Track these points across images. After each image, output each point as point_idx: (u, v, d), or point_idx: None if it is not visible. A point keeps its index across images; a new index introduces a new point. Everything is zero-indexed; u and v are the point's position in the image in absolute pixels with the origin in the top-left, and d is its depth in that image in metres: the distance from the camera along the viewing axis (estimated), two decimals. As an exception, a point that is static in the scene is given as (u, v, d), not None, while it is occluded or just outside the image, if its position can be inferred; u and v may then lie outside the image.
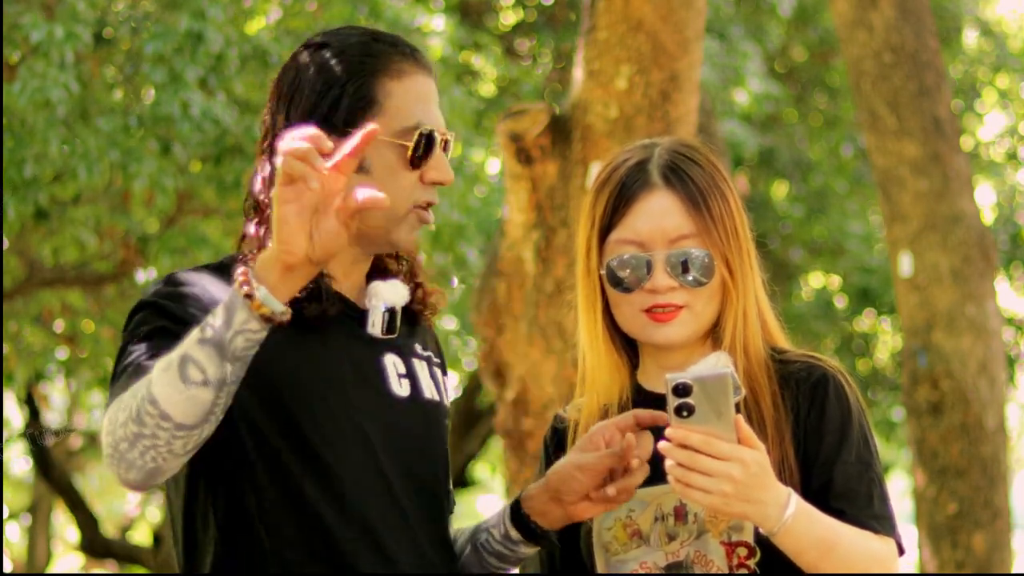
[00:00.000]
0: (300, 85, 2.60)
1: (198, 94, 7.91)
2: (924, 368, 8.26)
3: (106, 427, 2.40)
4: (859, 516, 2.64)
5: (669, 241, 2.69)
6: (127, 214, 9.20)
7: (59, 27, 7.71)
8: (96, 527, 14.46)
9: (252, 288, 2.31)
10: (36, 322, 10.34)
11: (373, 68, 2.59)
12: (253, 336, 2.34)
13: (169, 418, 2.33)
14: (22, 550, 20.12)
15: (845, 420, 2.69)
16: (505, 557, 2.71)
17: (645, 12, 5.37)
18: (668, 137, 2.82)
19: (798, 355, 2.77)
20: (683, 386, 2.45)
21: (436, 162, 2.63)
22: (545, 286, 5.54)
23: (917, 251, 8.29)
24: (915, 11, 8.37)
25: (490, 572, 2.73)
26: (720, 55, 11.84)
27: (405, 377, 2.67)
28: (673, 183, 2.71)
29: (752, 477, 2.47)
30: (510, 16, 13.28)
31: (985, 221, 8.71)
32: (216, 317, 2.34)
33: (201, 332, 2.34)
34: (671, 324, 2.70)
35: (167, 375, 2.33)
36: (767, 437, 2.64)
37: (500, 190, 9.63)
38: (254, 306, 2.31)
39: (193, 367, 2.32)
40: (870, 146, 8.55)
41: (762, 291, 2.78)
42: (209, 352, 2.32)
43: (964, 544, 8.16)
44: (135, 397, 2.36)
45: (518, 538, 2.68)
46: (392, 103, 2.59)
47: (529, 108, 5.59)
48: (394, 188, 2.58)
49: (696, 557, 2.68)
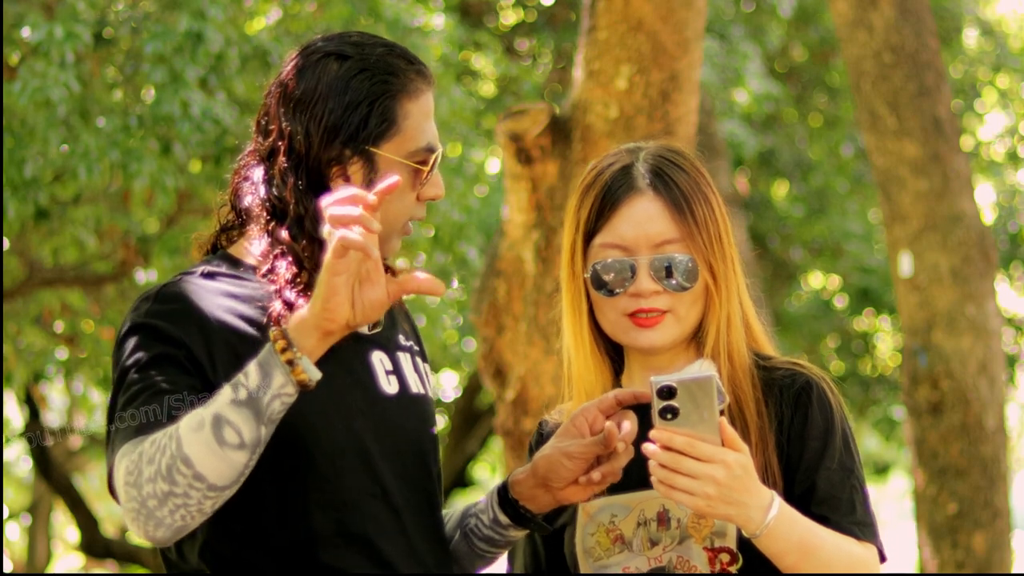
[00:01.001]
0: (320, 98, 2.59)
1: (198, 94, 7.91)
2: (924, 368, 8.26)
3: (127, 478, 2.39)
4: (841, 522, 2.65)
5: (653, 246, 2.71)
6: (127, 214, 9.20)
7: (59, 27, 7.71)
8: (96, 527, 14.46)
9: (294, 356, 2.34)
10: (36, 322, 10.33)
11: (396, 88, 2.60)
12: (288, 399, 2.37)
13: (203, 479, 2.35)
14: (22, 550, 20.13)
15: (828, 427, 2.71)
16: (495, 542, 2.72)
17: (645, 12, 5.37)
18: (654, 141, 2.83)
19: (782, 362, 2.78)
20: (668, 389, 2.47)
21: (435, 179, 2.65)
22: (545, 286, 5.54)
23: (917, 251, 8.29)
24: (915, 11, 8.37)
25: (472, 563, 2.74)
26: (720, 55, 11.84)
27: (392, 374, 2.68)
28: (658, 188, 2.73)
29: (735, 479, 2.48)
30: (510, 16, 13.29)
31: (985, 221, 8.70)
32: (250, 377, 2.35)
33: (235, 392, 2.35)
34: (655, 329, 2.72)
35: (200, 435, 2.34)
36: (751, 444, 2.66)
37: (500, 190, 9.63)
38: (294, 373, 2.34)
39: (229, 429, 2.34)
40: (870, 146, 8.55)
41: (747, 296, 2.80)
42: (246, 415, 2.34)
43: (964, 544, 8.16)
44: (163, 453, 2.36)
45: (507, 523, 2.68)
46: (408, 124, 2.61)
47: (529, 108, 5.59)
48: (398, 207, 2.61)
49: (679, 562, 2.69)
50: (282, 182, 2.59)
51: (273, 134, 2.62)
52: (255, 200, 2.63)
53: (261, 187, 2.62)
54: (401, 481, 2.63)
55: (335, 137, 2.57)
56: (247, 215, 2.65)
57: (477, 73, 12.74)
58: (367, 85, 2.58)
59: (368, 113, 2.57)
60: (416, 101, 2.62)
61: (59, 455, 15.95)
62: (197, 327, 2.51)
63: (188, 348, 2.50)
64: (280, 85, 2.64)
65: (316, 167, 2.58)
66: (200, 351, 2.51)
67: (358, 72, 2.59)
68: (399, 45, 2.67)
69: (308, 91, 2.60)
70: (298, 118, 2.60)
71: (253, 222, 2.64)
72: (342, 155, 2.58)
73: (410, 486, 2.64)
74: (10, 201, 7.96)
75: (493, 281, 5.69)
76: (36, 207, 8.23)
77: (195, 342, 2.51)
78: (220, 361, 2.51)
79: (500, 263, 5.67)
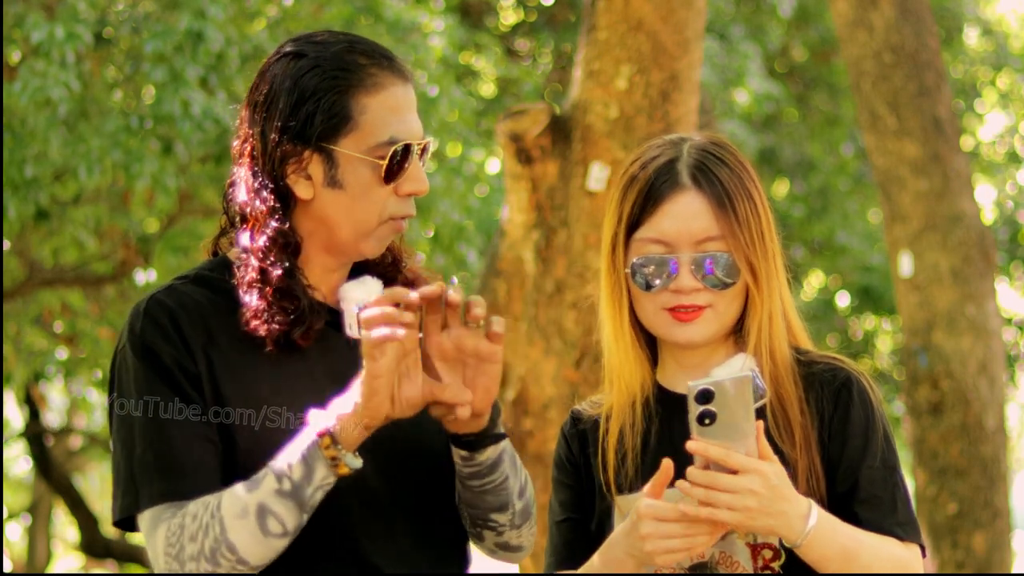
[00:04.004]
0: (275, 97, 2.59)
1: (199, 93, 7.91)
2: (924, 368, 8.26)
3: (168, 550, 2.49)
4: (883, 523, 2.65)
5: (695, 243, 2.70)
6: (127, 214, 9.20)
7: (60, 27, 7.71)
8: (96, 527, 14.45)
9: (339, 455, 2.44)
10: (36, 322, 10.34)
11: (347, 83, 2.58)
12: (329, 487, 2.47)
13: (246, 562, 2.47)
14: (22, 550, 20.13)
15: (869, 423, 2.70)
16: (478, 474, 2.64)
17: (645, 12, 5.37)
18: (698, 134, 2.82)
19: (820, 356, 2.77)
20: (705, 392, 2.48)
21: (411, 173, 2.62)
22: (545, 286, 5.54)
23: (917, 251, 8.29)
24: (915, 11, 8.37)
25: (484, 500, 2.66)
26: (720, 55, 11.84)
27: None
28: (701, 184, 2.71)
29: (773, 489, 2.50)
30: (510, 16, 13.29)
31: (985, 221, 8.71)
32: (295, 471, 2.44)
33: (279, 483, 2.44)
34: (694, 324, 2.71)
35: (245, 524, 2.45)
36: (795, 443, 2.66)
37: (500, 190, 9.63)
38: (338, 468, 2.44)
39: (273, 520, 2.45)
40: (870, 146, 8.55)
41: (787, 291, 2.79)
42: (289, 506, 2.45)
43: (964, 544, 8.16)
44: (205, 534, 2.46)
45: (467, 454, 2.62)
46: (366, 119, 2.58)
47: (529, 108, 5.59)
48: (367, 203, 2.59)
49: (721, 558, 2.68)
50: (244, 184, 2.61)
51: (240, 137, 2.64)
52: (234, 204, 2.65)
53: (233, 191, 2.64)
54: (392, 483, 2.62)
55: (286, 135, 2.57)
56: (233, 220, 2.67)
57: (477, 73, 12.74)
58: (316, 81, 2.57)
59: (315, 109, 2.57)
60: (375, 95, 2.59)
61: (59, 455, 15.95)
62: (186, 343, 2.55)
63: (179, 365, 2.55)
64: (250, 88, 2.66)
65: (272, 167, 2.58)
66: (188, 365, 2.55)
67: (309, 69, 2.59)
68: (368, 41, 2.66)
69: (265, 91, 2.61)
70: (256, 119, 2.61)
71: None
72: (296, 153, 2.58)
73: (403, 488, 2.63)
74: (10, 201, 7.96)
75: (493, 281, 5.69)
76: (36, 207, 8.23)
77: (184, 358, 2.55)
78: (203, 375, 2.55)
79: (500, 263, 5.67)
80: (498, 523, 2.70)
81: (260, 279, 2.57)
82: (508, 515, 2.69)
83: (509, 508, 2.69)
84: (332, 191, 2.58)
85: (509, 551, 2.76)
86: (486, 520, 2.69)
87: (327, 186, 2.57)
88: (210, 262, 2.69)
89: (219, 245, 2.70)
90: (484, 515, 2.69)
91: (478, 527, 2.71)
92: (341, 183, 2.58)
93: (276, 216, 2.58)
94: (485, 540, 2.73)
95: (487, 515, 2.68)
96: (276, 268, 2.56)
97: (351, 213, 2.58)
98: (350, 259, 2.67)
